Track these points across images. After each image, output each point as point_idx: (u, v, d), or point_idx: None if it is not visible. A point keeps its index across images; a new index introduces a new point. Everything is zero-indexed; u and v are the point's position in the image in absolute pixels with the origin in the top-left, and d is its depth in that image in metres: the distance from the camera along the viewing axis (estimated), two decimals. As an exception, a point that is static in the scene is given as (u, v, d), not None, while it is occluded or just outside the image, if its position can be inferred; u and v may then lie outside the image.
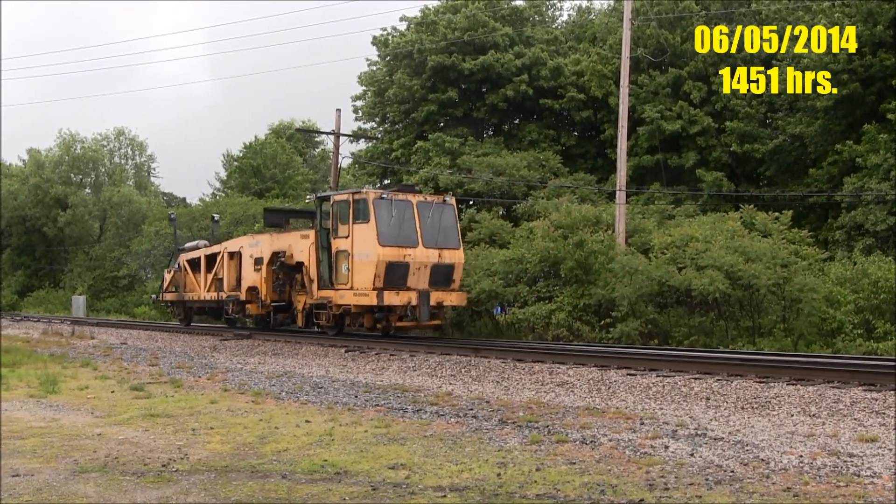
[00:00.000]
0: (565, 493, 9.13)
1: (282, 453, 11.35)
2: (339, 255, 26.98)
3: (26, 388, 18.34)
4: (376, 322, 26.92)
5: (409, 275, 26.15)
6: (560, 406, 15.05)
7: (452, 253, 27.20)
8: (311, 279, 28.17)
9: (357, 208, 26.41)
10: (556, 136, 49.68)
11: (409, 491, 9.36)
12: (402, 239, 26.23)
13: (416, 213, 26.68)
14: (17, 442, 12.24)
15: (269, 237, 30.71)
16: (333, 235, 27.35)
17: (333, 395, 16.85)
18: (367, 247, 25.90)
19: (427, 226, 26.79)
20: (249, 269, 31.15)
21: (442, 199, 27.76)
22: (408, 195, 27.08)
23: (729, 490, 9.12)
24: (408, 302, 25.87)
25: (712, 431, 12.27)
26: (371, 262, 25.67)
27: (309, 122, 78.95)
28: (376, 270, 25.57)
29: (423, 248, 26.49)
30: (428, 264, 26.48)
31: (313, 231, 28.63)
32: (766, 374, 16.61)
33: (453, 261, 27.15)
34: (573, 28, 55.98)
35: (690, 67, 42.21)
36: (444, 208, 27.46)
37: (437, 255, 26.73)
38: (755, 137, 40.36)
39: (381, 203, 26.05)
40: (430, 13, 51.16)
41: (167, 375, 20.95)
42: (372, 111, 54.33)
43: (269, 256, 30.03)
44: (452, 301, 27.26)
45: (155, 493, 9.41)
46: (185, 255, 37.20)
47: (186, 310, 38.02)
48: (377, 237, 25.69)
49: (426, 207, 27.02)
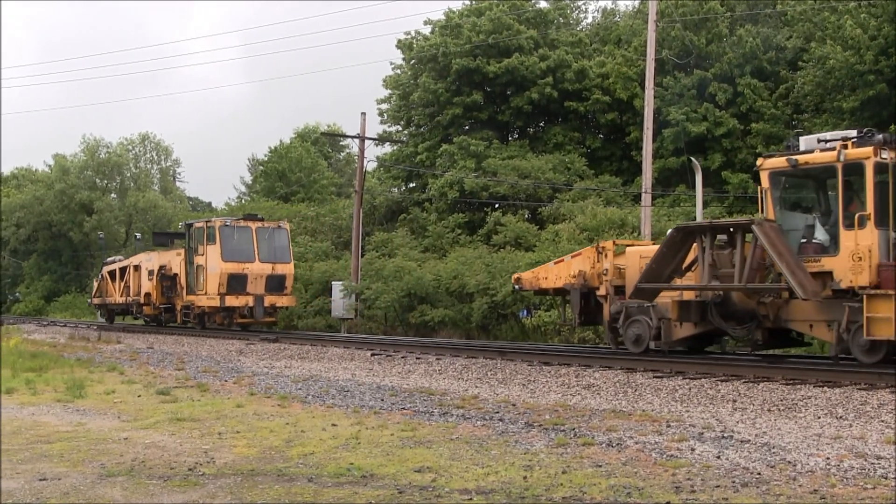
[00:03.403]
0: (591, 496, 9.09)
1: (308, 457, 11.35)
2: (198, 269, 35.65)
3: (53, 393, 18.40)
4: (223, 319, 35.58)
5: (248, 283, 34.90)
6: (586, 409, 15.00)
7: (284, 266, 35.98)
8: (182, 287, 37.19)
9: (209, 233, 35.11)
10: (581, 138, 49.62)
11: (435, 494, 9.33)
12: (241, 256, 35.00)
13: (255, 236, 35.35)
14: (45, 446, 12.28)
15: (158, 254, 39.64)
16: (195, 254, 36.02)
17: (359, 399, 16.85)
18: (214, 262, 34.64)
19: (263, 246, 35.57)
20: (146, 279, 39.82)
21: (277, 225, 36.84)
22: (249, 222, 35.93)
23: (756, 492, 9.07)
24: (246, 304, 34.85)
25: (739, 434, 12.21)
26: (216, 274, 34.47)
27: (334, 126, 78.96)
28: (220, 280, 34.39)
29: (260, 262, 35.24)
30: (263, 275, 35.18)
31: (184, 250, 37.18)
32: (793, 377, 16.52)
33: (285, 272, 35.93)
34: (598, 30, 55.86)
35: (716, 69, 42.03)
36: (278, 232, 36.43)
37: (271, 268, 35.46)
38: (781, 139, 40.03)
39: (225, 229, 35.08)
40: (455, 16, 51.18)
41: (193, 379, 20.99)
42: (397, 114, 54.41)
43: (157, 269, 38.58)
44: (284, 303, 36.24)
45: (181, 497, 9.42)
46: (107, 267, 45.84)
47: (109, 311, 46.53)
48: (221, 255, 34.52)
49: (263, 231, 35.86)
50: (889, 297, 16.33)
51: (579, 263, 22.35)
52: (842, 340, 17.40)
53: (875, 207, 16.90)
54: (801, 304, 18.04)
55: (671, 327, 20.07)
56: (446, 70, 49.22)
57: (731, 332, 19.74)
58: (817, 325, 18.21)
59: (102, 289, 46.10)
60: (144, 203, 71.15)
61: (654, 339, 20.29)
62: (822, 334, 18.43)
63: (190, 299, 36.48)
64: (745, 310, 18.98)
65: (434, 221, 45.59)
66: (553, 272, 23.11)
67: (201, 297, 35.47)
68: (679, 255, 19.63)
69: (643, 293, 20.08)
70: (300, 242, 47.61)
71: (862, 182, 17.15)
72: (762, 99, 41.18)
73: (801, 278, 17.12)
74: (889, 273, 16.58)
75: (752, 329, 19.12)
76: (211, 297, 34.90)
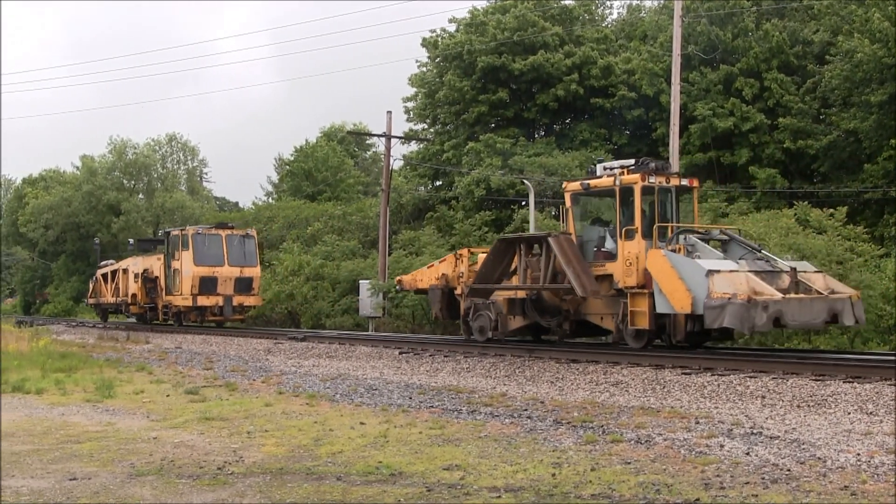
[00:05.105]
0: (620, 493, 9.10)
1: (336, 455, 11.39)
2: (175, 272, 39.43)
3: (83, 393, 18.57)
4: (197, 317, 39.32)
5: (219, 285, 38.73)
6: (615, 406, 15.00)
7: (252, 269, 39.94)
8: (162, 288, 40.95)
9: (183, 240, 38.93)
10: (608, 135, 49.40)
11: (464, 492, 9.37)
12: (212, 260, 38.81)
13: (225, 242, 39.28)
14: (74, 446, 12.39)
15: (142, 259, 43.56)
16: (172, 258, 39.76)
17: (388, 397, 16.90)
18: (187, 266, 38.40)
19: (232, 251, 39.39)
20: (132, 282, 43.69)
21: (245, 233, 40.54)
22: (219, 231, 39.91)
23: (785, 489, 9.05)
24: (216, 303, 38.71)
25: (768, 430, 12.17)
26: (189, 277, 38.28)
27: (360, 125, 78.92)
28: (192, 282, 38.26)
29: (229, 266, 39.04)
30: (232, 277, 39.03)
31: (163, 255, 40.94)
32: (823, 372, 16.39)
33: (252, 275, 39.91)
34: (623, 26, 55.59)
35: (742, 64, 41.75)
36: (246, 239, 40.19)
37: (239, 271, 39.30)
38: (809, 133, 39.81)
39: (197, 237, 38.92)
40: (479, 14, 51.06)
41: (222, 379, 21.12)
42: (423, 113, 54.32)
43: (142, 272, 42.38)
44: (251, 302, 40.14)
45: (210, 496, 9.49)
46: (100, 270, 50.31)
47: (103, 310, 50.90)
48: (193, 259, 38.34)
49: (232, 238, 39.65)
50: (645, 294, 19.96)
51: (444, 268, 26.08)
52: (619, 330, 21.03)
53: (641, 223, 20.52)
54: (594, 301, 21.60)
55: (506, 320, 23.88)
56: (471, 68, 49.11)
57: (545, 324, 23.38)
58: (606, 317, 21.67)
59: (97, 290, 50.86)
60: (172, 203, 71.30)
61: (493, 330, 24.05)
62: (609, 325, 21.65)
63: (168, 299, 40.44)
64: (554, 306, 22.79)
65: (461, 219, 45.47)
66: (426, 275, 26.95)
67: (177, 297, 39.37)
68: (505, 261, 23.16)
69: (477, 292, 23.93)
70: (328, 241, 47.65)
71: (632, 202, 20.72)
72: (789, 93, 40.85)
73: (582, 280, 20.48)
74: (650, 275, 19.88)
75: (560, 321, 22.87)
76: (185, 298, 38.79)
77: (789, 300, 18.33)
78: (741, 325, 17.88)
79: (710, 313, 18.08)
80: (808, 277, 19.54)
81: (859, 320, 19.38)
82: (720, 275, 18.41)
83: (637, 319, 20.26)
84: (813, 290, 19.17)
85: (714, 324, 18.18)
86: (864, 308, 19.93)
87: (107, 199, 71.66)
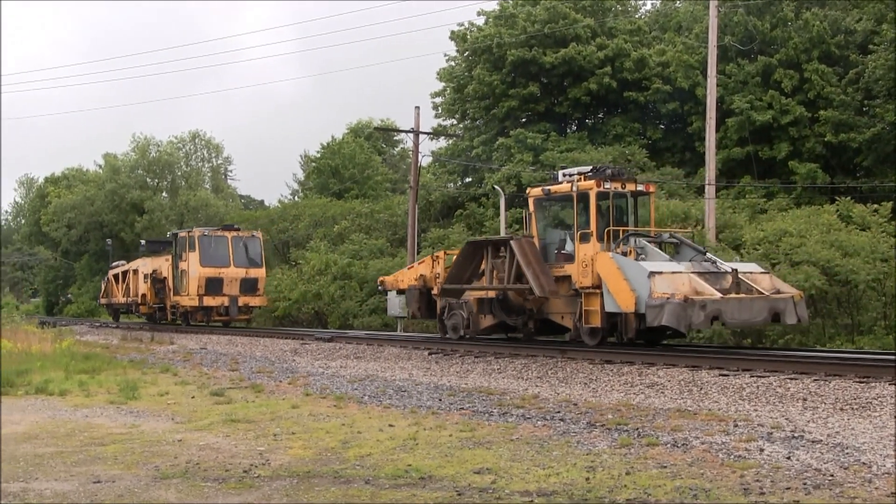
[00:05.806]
0: (656, 498, 8.96)
1: (365, 458, 11.28)
2: (182, 273, 40.92)
3: (106, 395, 18.56)
4: (203, 317, 40.85)
5: (224, 285, 40.10)
6: (650, 408, 14.79)
7: (257, 270, 41.34)
8: (170, 289, 42.41)
9: (190, 242, 40.31)
10: (642, 129, 49.00)
11: (495, 496, 9.23)
12: (217, 261, 40.09)
13: (230, 244, 40.57)
14: (99, 448, 12.33)
15: (151, 260, 45.34)
16: (180, 260, 41.20)
17: (417, 399, 16.75)
18: (194, 267, 39.80)
19: (237, 253, 40.77)
20: (142, 282, 45.72)
21: (251, 234, 42.25)
22: (225, 232, 41.29)
23: (828, 495, 8.88)
24: (222, 303, 40.00)
25: (810, 434, 11.96)
26: (196, 277, 39.67)
27: (387, 121, 78.80)
28: (199, 283, 39.60)
29: (234, 267, 40.40)
30: (237, 278, 40.38)
31: (171, 256, 42.27)
32: (867, 374, 16.06)
33: (257, 276, 41.27)
34: (657, 17, 55.21)
35: (781, 55, 41.22)
36: (252, 240, 41.85)
37: (245, 272, 40.70)
38: (851, 126, 39.19)
39: (203, 238, 40.26)
40: (509, 6, 50.84)
41: (247, 380, 21.06)
42: (451, 108, 54.07)
43: (151, 273, 44.13)
44: (256, 303, 41.46)
45: (236, 499, 9.40)
46: (112, 271, 52.60)
47: (114, 310, 53.26)
48: (199, 261, 39.65)
49: (238, 240, 41.11)
50: (597, 293, 21.07)
51: (422, 269, 27.49)
52: (577, 328, 22.19)
53: (596, 226, 21.65)
54: (555, 300, 22.84)
55: (477, 319, 25.29)
56: (501, 61, 48.84)
57: (511, 322, 24.62)
58: (566, 316, 22.87)
59: (108, 290, 53.16)
60: (196, 202, 71.12)
61: (466, 328, 25.45)
62: (568, 323, 22.85)
63: (176, 299, 41.88)
64: (518, 305, 23.94)
65: (491, 217, 45.26)
66: (407, 276, 28.34)
67: (184, 297, 40.75)
68: (474, 263, 24.50)
69: (450, 292, 25.41)
70: (355, 240, 47.39)
71: (588, 207, 21.86)
72: (831, 85, 40.33)
73: (541, 281, 21.81)
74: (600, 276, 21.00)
75: (525, 320, 24.19)
76: (192, 298, 40.16)
77: (728, 300, 19.37)
78: (678, 324, 18.83)
79: (650, 312, 19.14)
80: (752, 278, 20.63)
81: (801, 319, 20.57)
82: (661, 276, 19.50)
83: (591, 318, 21.46)
84: (754, 290, 20.23)
85: (654, 322, 19.22)
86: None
87: (130, 197, 71.65)
